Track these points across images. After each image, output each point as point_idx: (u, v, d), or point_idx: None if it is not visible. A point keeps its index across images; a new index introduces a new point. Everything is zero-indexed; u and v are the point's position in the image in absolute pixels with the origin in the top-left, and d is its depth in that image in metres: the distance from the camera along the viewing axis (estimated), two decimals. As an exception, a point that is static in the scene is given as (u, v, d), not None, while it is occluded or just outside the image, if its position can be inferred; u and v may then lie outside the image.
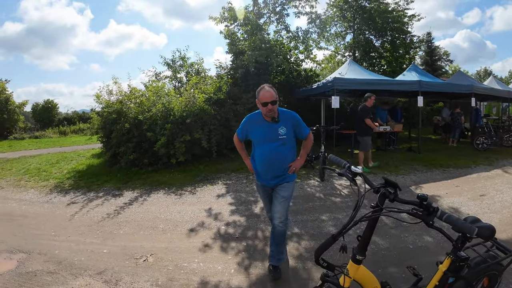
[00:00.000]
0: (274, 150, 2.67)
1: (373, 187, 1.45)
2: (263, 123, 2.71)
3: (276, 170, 2.75)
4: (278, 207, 2.75)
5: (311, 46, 11.98)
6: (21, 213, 5.04)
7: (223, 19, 11.08)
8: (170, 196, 5.67)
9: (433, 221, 1.26)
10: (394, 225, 3.95)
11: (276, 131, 2.66)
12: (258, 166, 2.82)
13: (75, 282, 2.88)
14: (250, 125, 2.81)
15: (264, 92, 2.58)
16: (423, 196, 1.30)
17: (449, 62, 27.45)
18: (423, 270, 2.02)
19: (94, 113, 9.06)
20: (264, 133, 2.70)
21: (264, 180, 2.85)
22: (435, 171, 7.03)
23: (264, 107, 2.57)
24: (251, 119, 2.82)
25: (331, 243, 1.46)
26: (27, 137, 18.69)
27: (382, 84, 9.39)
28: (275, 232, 2.79)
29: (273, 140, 2.67)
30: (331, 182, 6.24)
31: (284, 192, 2.76)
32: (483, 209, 4.55)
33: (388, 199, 1.39)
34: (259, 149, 2.77)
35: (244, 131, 2.88)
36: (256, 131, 2.76)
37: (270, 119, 2.64)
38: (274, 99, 2.56)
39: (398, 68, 15.28)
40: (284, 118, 2.70)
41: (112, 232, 4.10)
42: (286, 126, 2.68)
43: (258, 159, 2.79)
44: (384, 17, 15.05)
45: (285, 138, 2.68)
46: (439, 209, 1.28)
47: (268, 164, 2.74)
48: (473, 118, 11.36)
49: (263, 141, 2.72)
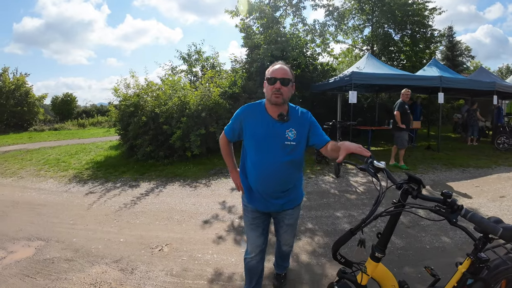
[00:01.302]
0: (276, 163, 1.91)
1: (395, 183, 1.41)
2: (265, 118, 1.94)
3: (279, 190, 2.01)
4: (284, 236, 2.22)
5: (328, 39, 11.84)
6: (40, 202, 5.21)
7: (238, 12, 11.04)
8: (185, 188, 5.74)
9: (457, 220, 1.22)
10: (411, 224, 3.87)
11: (282, 133, 1.90)
12: (253, 182, 2.03)
13: (91, 270, 2.96)
14: (248, 119, 1.99)
15: (275, 67, 1.92)
16: (448, 193, 1.25)
17: (470, 58, 26.53)
18: (440, 271, 1.97)
19: (112, 106, 9.24)
20: (266, 133, 1.92)
21: (260, 204, 2.06)
22: (454, 171, 6.84)
23: (270, 85, 1.88)
24: (249, 110, 2.01)
25: (349, 237, 1.44)
26: (47, 129, 19.25)
27: (402, 79, 9.13)
28: (282, 253, 2.43)
29: (277, 145, 1.91)
30: (347, 178, 6.17)
31: (289, 220, 2.15)
32: (502, 211, 4.40)
33: (411, 195, 1.35)
34: (256, 156, 1.96)
35: (236, 126, 2.03)
36: (254, 128, 1.96)
37: (277, 116, 1.90)
38: (287, 77, 1.88)
39: (418, 63, 14.88)
40: (295, 117, 1.97)
41: (128, 222, 4.19)
42: (296, 129, 1.93)
43: (254, 171, 2.00)
44: (404, 10, 14.63)
45: (293, 146, 1.92)
46: (464, 208, 1.23)
47: (268, 180, 1.96)
48: (494, 116, 10.95)
49: (262, 145, 1.93)
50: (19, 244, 3.55)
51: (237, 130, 2.03)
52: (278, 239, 2.31)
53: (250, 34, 10.93)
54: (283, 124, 1.91)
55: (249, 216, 2.15)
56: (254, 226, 2.14)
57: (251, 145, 1.98)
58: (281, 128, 1.91)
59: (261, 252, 2.19)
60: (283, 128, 1.91)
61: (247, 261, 2.24)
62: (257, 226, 2.14)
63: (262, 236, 2.16)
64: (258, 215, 2.12)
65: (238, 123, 2.01)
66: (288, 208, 2.09)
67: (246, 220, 2.20)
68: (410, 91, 6.89)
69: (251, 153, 2.00)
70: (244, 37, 11.07)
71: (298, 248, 3.31)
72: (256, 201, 2.06)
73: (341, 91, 11.40)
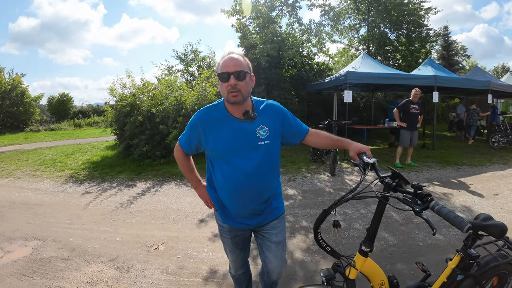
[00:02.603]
0: (252, 168, 1.61)
1: (379, 176, 1.46)
2: (229, 122, 1.63)
3: (256, 202, 1.69)
4: (273, 261, 1.79)
5: (324, 39, 11.88)
6: (36, 202, 5.21)
7: (235, 12, 11.07)
8: (181, 187, 5.77)
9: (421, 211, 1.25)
10: (404, 222, 3.92)
11: (253, 134, 1.61)
12: (225, 198, 1.72)
13: (88, 268, 2.98)
14: (207, 127, 1.64)
15: (225, 60, 1.57)
16: (418, 185, 1.29)
17: (466, 57, 26.75)
18: (432, 268, 2.01)
19: (108, 106, 9.25)
20: (234, 139, 1.61)
21: (236, 221, 1.74)
22: (449, 169, 6.90)
23: (224, 82, 1.54)
24: (207, 116, 1.66)
25: (323, 216, 1.49)
26: (43, 129, 19.21)
27: (397, 79, 9.21)
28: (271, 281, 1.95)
29: (250, 148, 1.61)
30: (342, 177, 6.22)
31: (277, 235, 1.78)
32: (496, 208, 4.45)
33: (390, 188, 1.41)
34: (225, 169, 1.65)
35: (193, 137, 1.70)
36: (218, 136, 1.62)
37: (242, 114, 1.59)
38: (241, 69, 1.54)
39: (413, 63, 14.96)
40: (263, 111, 1.67)
41: (125, 221, 4.21)
42: (267, 125, 1.65)
43: (224, 186, 1.68)
44: (400, 9, 14.70)
45: (267, 144, 1.64)
46: (433, 201, 1.27)
47: (243, 193, 1.65)
48: (490, 115, 11.06)
49: (232, 152, 1.61)
50: (16, 244, 3.56)
51: (195, 141, 1.69)
52: (265, 264, 1.86)
53: (246, 34, 10.96)
54: (251, 123, 1.61)
55: (227, 236, 1.83)
56: (234, 246, 1.86)
57: (218, 155, 1.66)
58: (250, 128, 1.61)
59: (245, 265, 2.04)
60: (252, 127, 1.62)
61: (232, 275, 2.10)
62: (236, 245, 1.86)
63: (242, 252, 1.92)
64: (239, 233, 1.81)
65: (196, 134, 1.67)
66: (272, 219, 1.77)
67: (224, 241, 1.88)
68: (419, 91, 6.92)
69: (219, 164, 1.67)
70: (240, 36, 11.11)
71: (293, 246, 3.34)
72: (232, 219, 1.75)
73: (337, 91, 11.45)
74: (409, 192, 1.33)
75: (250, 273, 2.18)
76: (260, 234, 1.81)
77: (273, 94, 10.60)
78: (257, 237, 1.85)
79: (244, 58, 1.61)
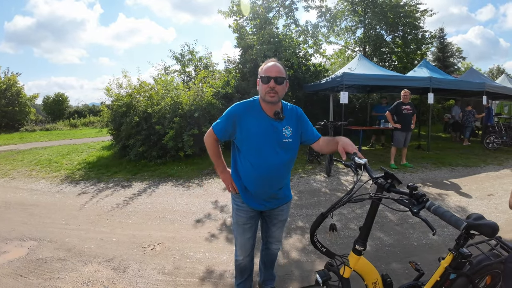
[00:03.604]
0: (277, 160, 1.89)
1: (372, 177, 1.49)
2: (262, 117, 1.88)
3: (275, 189, 2.00)
4: (277, 232, 2.21)
5: (320, 40, 11.94)
6: (32, 202, 5.18)
7: (232, 13, 11.09)
8: (178, 188, 5.77)
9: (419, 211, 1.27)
10: (399, 222, 3.95)
11: (280, 132, 1.88)
12: (250, 183, 1.97)
13: (84, 269, 2.98)
14: (243, 118, 1.88)
15: (269, 65, 1.85)
16: (413, 186, 1.32)
17: (461, 59, 26.98)
18: (426, 267, 2.04)
19: (104, 106, 9.20)
20: (264, 134, 1.86)
21: (256, 203, 2.03)
22: (444, 170, 6.97)
23: (264, 84, 1.81)
24: (244, 108, 1.91)
25: (321, 220, 1.53)
26: (38, 129, 19.06)
27: (392, 80, 9.29)
28: (269, 256, 2.32)
29: (277, 144, 1.88)
30: (338, 177, 6.25)
31: (283, 215, 2.17)
32: (490, 209, 4.51)
33: (383, 189, 1.43)
34: (257, 157, 1.89)
35: (228, 126, 1.91)
36: (251, 127, 1.87)
37: (273, 114, 1.86)
38: (280, 75, 1.82)
39: (409, 64, 15.06)
40: (289, 114, 1.94)
41: (121, 222, 4.20)
42: (292, 126, 1.93)
43: (252, 172, 1.93)
44: (396, 11, 14.81)
45: (290, 143, 1.91)
46: (429, 201, 1.29)
47: (267, 181, 1.93)
48: (485, 117, 11.17)
49: (262, 145, 1.87)
50: (11, 244, 3.55)
51: (230, 129, 1.90)
52: (268, 238, 2.24)
53: (243, 35, 10.97)
54: (280, 122, 1.88)
55: (243, 216, 2.08)
56: (248, 227, 2.10)
57: (248, 146, 1.89)
58: (278, 126, 1.88)
59: (251, 252, 2.25)
60: (280, 126, 1.88)
61: (238, 263, 2.29)
62: (250, 227, 2.11)
63: (251, 238, 2.18)
64: (253, 214, 2.08)
65: (231, 122, 1.88)
66: (283, 204, 2.11)
67: (239, 221, 2.11)
68: (408, 92, 6.99)
69: (248, 154, 1.91)
70: (237, 37, 11.12)
71: (289, 246, 3.36)
72: (252, 201, 2.02)
73: (333, 92, 11.50)
74: (404, 192, 1.35)
75: (253, 264, 2.38)
76: (269, 216, 2.15)
77: (270, 94, 10.61)
78: (266, 217, 2.17)
79: (284, 67, 1.89)
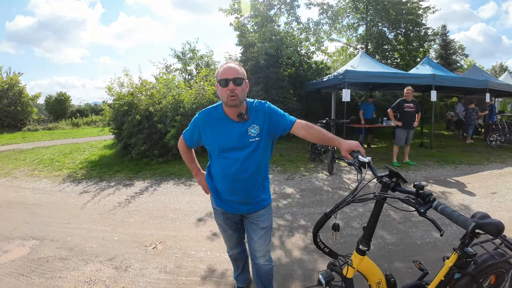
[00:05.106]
0: (244, 161, 1.86)
1: (377, 176, 1.46)
2: (225, 122, 1.88)
3: (246, 191, 1.95)
4: (259, 242, 2.06)
5: (322, 38, 11.86)
6: (34, 201, 5.19)
7: (233, 10, 11.05)
8: (179, 186, 5.76)
9: (426, 211, 1.24)
10: (402, 221, 3.93)
11: (245, 132, 1.85)
12: (220, 185, 2.00)
13: (86, 268, 2.98)
14: (206, 126, 1.92)
15: (224, 67, 1.81)
16: (420, 185, 1.29)
17: (464, 56, 26.73)
18: (430, 266, 2.01)
19: (106, 105, 9.19)
20: (229, 137, 1.87)
21: (229, 206, 2.02)
22: (447, 168, 6.93)
23: (223, 87, 1.78)
24: (207, 116, 1.93)
25: (324, 220, 1.49)
26: (41, 128, 19.10)
27: (395, 77, 9.23)
28: (260, 273, 2.16)
29: (242, 146, 1.86)
30: (340, 176, 6.23)
31: (263, 222, 2.04)
32: (493, 207, 4.47)
33: (388, 188, 1.40)
34: (221, 160, 1.91)
35: (194, 133, 1.98)
36: (215, 134, 1.90)
37: (237, 116, 1.83)
38: (238, 76, 1.78)
39: (411, 62, 14.98)
40: (255, 112, 1.89)
41: (123, 220, 4.20)
42: (258, 124, 1.87)
43: (220, 175, 1.96)
44: (398, 8, 14.70)
45: (257, 141, 1.87)
46: (436, 200, 1.26)
47: (235, 183, 1.90)
48: (487, 114, 11.09)
49: (226, 149, 1.88)
50: (13, 244, 3.55)
51: (196, 137, 1.98)
52: (252, 250, 2.11)
53: (244, 33, 10.95)
54: (244, 123, 1.85)
55: (220, 218, 2.12)
56: (227, 227, 2.15)
57: (216, 150, 1.92)
58: (243, 128, 1.85)
59: (239, 245, 2.31)
60: (245, 127, 1.85)
61: (230, 255, 2.38)
62: (229, 226, 2.15)
63: (235, 233, 2.20)
64: (230, 216, 2.09)
65: (197, 130, 1.95)
66: (260, 209, 2.02)
67: (218, 222, 2.19)
68: (411, 89, 6.92)
69: (217, 158, 1.94)
70: (238, 35, 11.09)
71: (291, 244, 3.35)
72: (225, 204, 2.02)
73: (335, 89, 11.44)
74: (410, 192, 1.32)
75: (247, 254, 2.40)
76: (249, 220, 2.07)
77: (272, 93, 10.59)
78: (246, 223, 2.10)
79: (240, 67, 1.85)
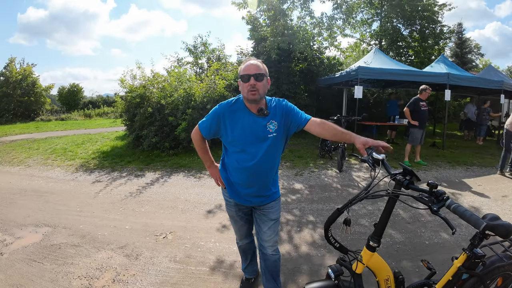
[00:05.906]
0: (262, 155, 1.91)
1: (390, 173, 1.46)
2: (245, 115, 1.92)
3: (262, 185, 2.02)
4: (268, 232, 2.12)
5: (335, 33, 11.71)
6: (47, 189, 5.32)
7: (245, 4, 10.98)
8: (189, 178, 5.83)
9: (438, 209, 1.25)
10: (411, 220, 3.90)
11: (264, 127, 1.90)
12: (235, 178, 2.04)
13: (97, 255, 3.06)
14: (226, 118, 1.94)
15: (247, 64, 1.88)
16: (433, 183, 1.29)
17: (480, 55, 26.08)
18: (437, 266, 2.01)
19: (118, 97, 9.33)
20: (249, 131, 1.90)
21: (242, 198, 2.08)
22: (458, 169, 6.82)
23: (244, 83, 1.84)
24: (227, 108, 1.95)
25: (336, 215, 1.50)
26: (54, 119, 19.49)
27: (409, 75, 9.06)
28: (268, 263, 2.20)
29: (261, 140, 1.91)
30: (349, 173, 6.20)
31: (273, 214, 2.11)
32: (504, 210, 4.40)
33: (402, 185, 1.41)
34: (239, 154, 1.96)
35: (213, 125, 1.98)
36: (235, 127, 1.92)
37: (257, 111, 1.88)
38: (260, 72, 1.84)
39: (426, 59, 14.67)
40: (274, 109, 1.95)
41: (134, 210, 4.28)
42: (277, 120, 1.93)
43: (237, 168, 2.00)
44: (414, 4, 14.36)
45: (274, 137, 1.92)
46: (449, 199, 1.27)
47: (252, 176, 1.97)
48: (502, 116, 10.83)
49: (246, 143, 1.92)
50: (26, 230, 3.66)
51: (214, 128, 1.98)
52: (261, 240, 2.18)
53: (256, 27, 10.89)
54: (264, 118, 1.89)
55: (232, 209, 2.19)
56: (238, 218, 2.22)
57: (233, 143, 1.96)
58: (262, 123, 1.90)
59: (249, 236, 2.37)
60: (264, 122, 1.90)
61: (239, 245, 2.45)
62: (240, 217, 2.22)
63: (246, 224, 2.28)
64: (242, 207, 2.16)
65: (216, 122, 1.96)
66: (271, 201, 2.10)
67: (229, 213, 2.27)
68: (430, 89, 6.74)
69: (234, 150, 1.98)
70: (250, 29, 11.05)
71: (299, 239, 3.37)
72: (238, 196, 2.08)
73: (347, 86, 11.34)
74: (424, 190, 1.33)
75: (255, 245, 2.47)
76: (259, 212, 2.13)
77: (283, 88, 10.54)
78: (256, 214, 2.16)
79: (262, 64, 1.91)
